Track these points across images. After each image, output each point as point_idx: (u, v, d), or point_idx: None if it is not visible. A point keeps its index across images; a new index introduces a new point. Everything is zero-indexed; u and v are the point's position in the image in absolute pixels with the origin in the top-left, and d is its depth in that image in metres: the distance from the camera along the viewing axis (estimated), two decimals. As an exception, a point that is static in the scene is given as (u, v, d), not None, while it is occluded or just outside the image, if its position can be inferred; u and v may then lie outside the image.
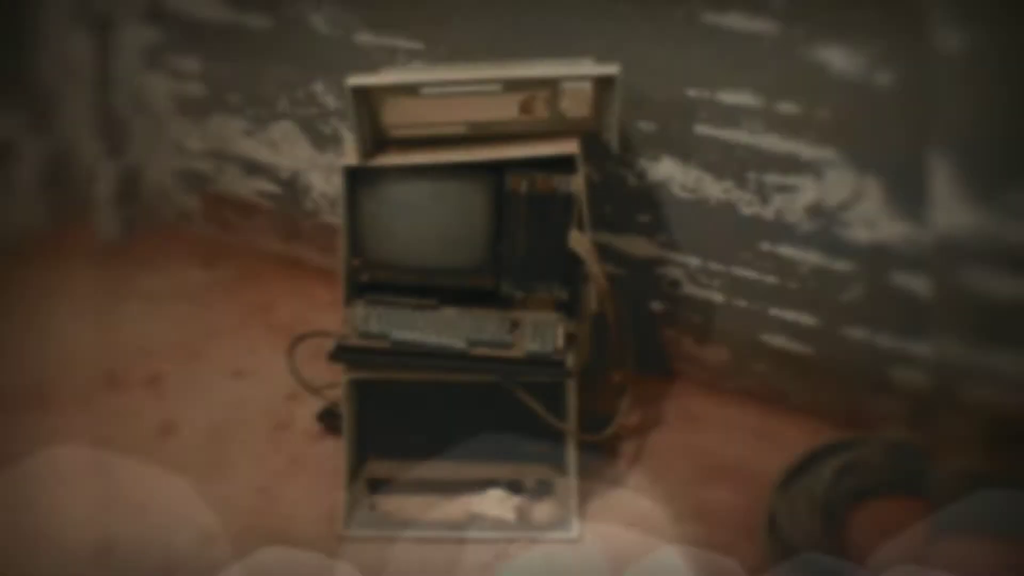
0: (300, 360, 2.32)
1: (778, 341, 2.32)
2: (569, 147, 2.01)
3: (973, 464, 1.92)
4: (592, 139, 2.10)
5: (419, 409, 2.12)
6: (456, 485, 2.09)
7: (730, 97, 2.16)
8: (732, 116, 2.17)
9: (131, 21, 2.93)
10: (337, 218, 2.15)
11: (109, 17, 2.92)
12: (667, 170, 2.29)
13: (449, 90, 2.07)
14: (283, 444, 2.27)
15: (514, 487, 2.08)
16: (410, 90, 2.02)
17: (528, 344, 1.98)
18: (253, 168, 2.98)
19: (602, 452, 2.20)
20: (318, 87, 2.71)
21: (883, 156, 2.05)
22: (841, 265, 2.18)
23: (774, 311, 2.30)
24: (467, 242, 2.05)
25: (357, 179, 2.03)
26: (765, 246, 2.25)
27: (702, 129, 2.21)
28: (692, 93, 2.19)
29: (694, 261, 2.36)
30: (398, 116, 2.06)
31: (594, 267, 1.99)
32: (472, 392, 2.04)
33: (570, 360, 1.98)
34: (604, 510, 2.07)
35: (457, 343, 1.97)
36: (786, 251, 2.23)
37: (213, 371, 2.52)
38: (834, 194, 2.13)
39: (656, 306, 2.45)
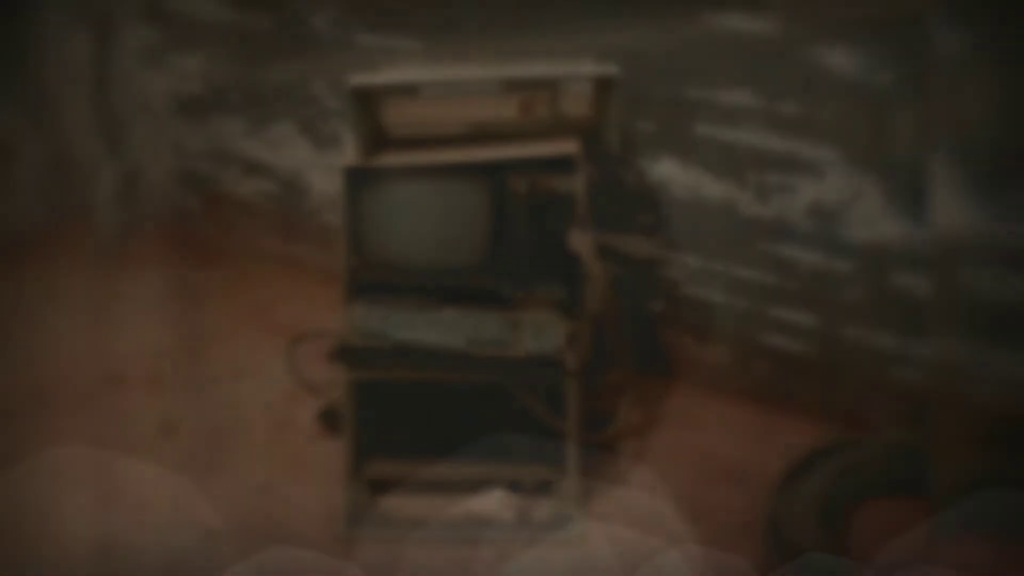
0: (300, 360, 2.32)
1: (778, 341, 2.32)
2: (569, 147, 2.01)
3: (973, 464, 1.92)
4: (592, 139, 2.10)
5: (419, 409, 2.12)
6: (456, 485, 2.09)
7: (730, 97, 2.15)
8: (732, 116, 2.17)
9: (131, 21, 2.93)
10: (337, 218, 2.15)
11: (109, 17, 2.91)
12: (667, 170, 2.29)
13: (449, 90, 2.07)
14: (283, 444, 2.27)
15: (514, 487, 2.08)
16: (410, 90, 2.02)
17: (528, 344, 1.98)
18: (253, 168, 2.98)
19: (602, 452, 2.20)
20: (318, 87, 2.71)
21: (883, 156, 2.05)
22: (841, 265, 2.17)
23: (774, 311, 2.30)
24: (467, 242, 2.05)
25: (357, 179, 2.03)
26: (765, 246, 2.25)
27: (702, 129, 2.21)
28: (692, 93, 2.19)
29: (694, 261, 2.36)
30: (398, 116, 2.06)
31: (594, 267, 1.99)
32: (472, 392, 2.04)
33: (570, 360, 1.98)
34: (605, 510, 2.06)
35: (457, 343, 1.97)
36: (786, 251, 2.23)
37: (213, 371, 2.51)
38: (834, 194, 2.12)
39: (656, 306, 2.45)
